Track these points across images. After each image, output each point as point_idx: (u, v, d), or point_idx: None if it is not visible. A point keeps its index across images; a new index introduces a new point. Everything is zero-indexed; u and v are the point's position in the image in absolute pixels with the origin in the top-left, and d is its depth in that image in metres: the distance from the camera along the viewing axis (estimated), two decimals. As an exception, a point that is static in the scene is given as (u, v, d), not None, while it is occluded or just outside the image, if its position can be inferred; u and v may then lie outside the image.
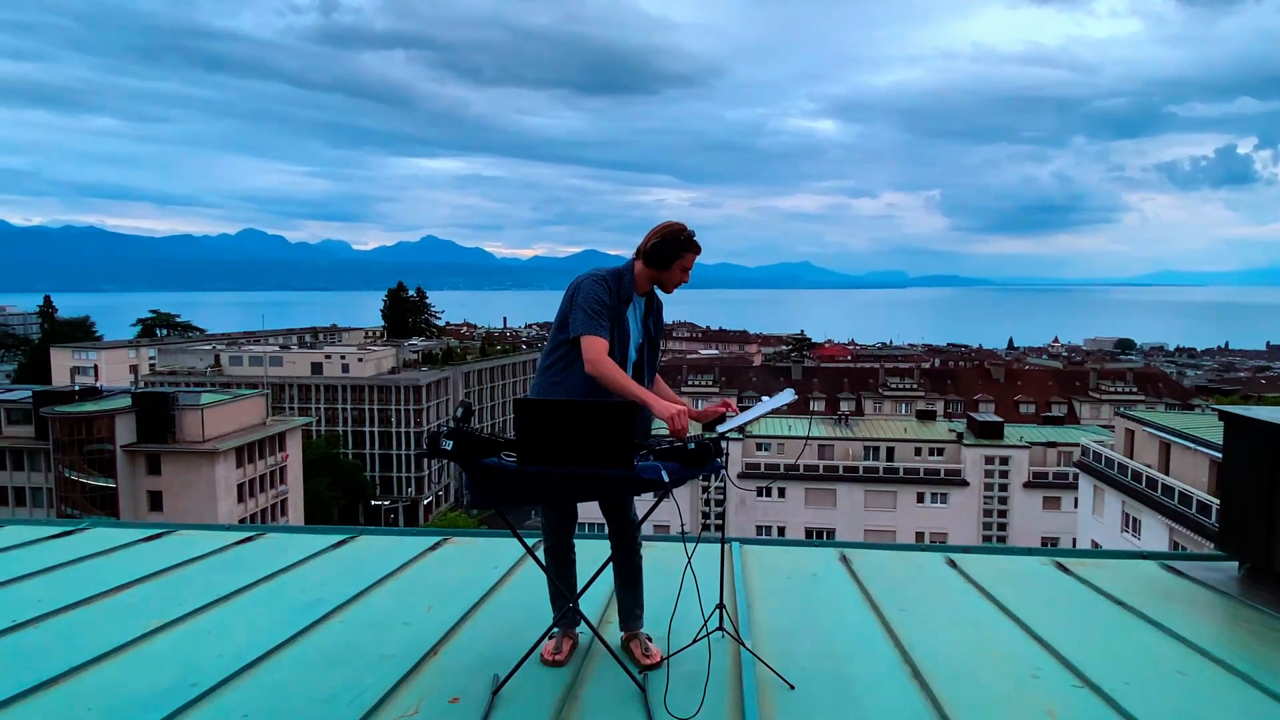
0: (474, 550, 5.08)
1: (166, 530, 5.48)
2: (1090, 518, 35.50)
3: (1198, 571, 4.68)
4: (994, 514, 48.02)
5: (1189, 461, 28.72)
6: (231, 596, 4.12)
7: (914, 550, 5.25)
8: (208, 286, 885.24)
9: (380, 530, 5.62)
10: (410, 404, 74.98)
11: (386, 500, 74.11)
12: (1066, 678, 3.20)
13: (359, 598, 4.12)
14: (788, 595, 4.22)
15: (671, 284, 3.29)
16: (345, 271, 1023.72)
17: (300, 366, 76.24)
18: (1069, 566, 4.80)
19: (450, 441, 2.71)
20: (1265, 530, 4.23)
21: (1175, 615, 3.94)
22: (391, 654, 3.38)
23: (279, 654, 3.38)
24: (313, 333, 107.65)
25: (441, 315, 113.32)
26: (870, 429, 50.81)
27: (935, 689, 3.07)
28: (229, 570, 4.59)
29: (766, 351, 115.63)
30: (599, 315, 3.14)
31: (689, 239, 3.22)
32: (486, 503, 2.92)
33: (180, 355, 79.34)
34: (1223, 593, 4.33)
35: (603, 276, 3.22)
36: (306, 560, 4.80)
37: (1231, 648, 3.52)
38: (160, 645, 3.49)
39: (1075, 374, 77.53)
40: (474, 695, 3.02)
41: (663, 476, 2.75)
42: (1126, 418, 34.67)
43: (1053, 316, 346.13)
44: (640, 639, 3.34)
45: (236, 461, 44.25)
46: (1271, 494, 4.20)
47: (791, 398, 3.19)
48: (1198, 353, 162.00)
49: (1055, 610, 4.04)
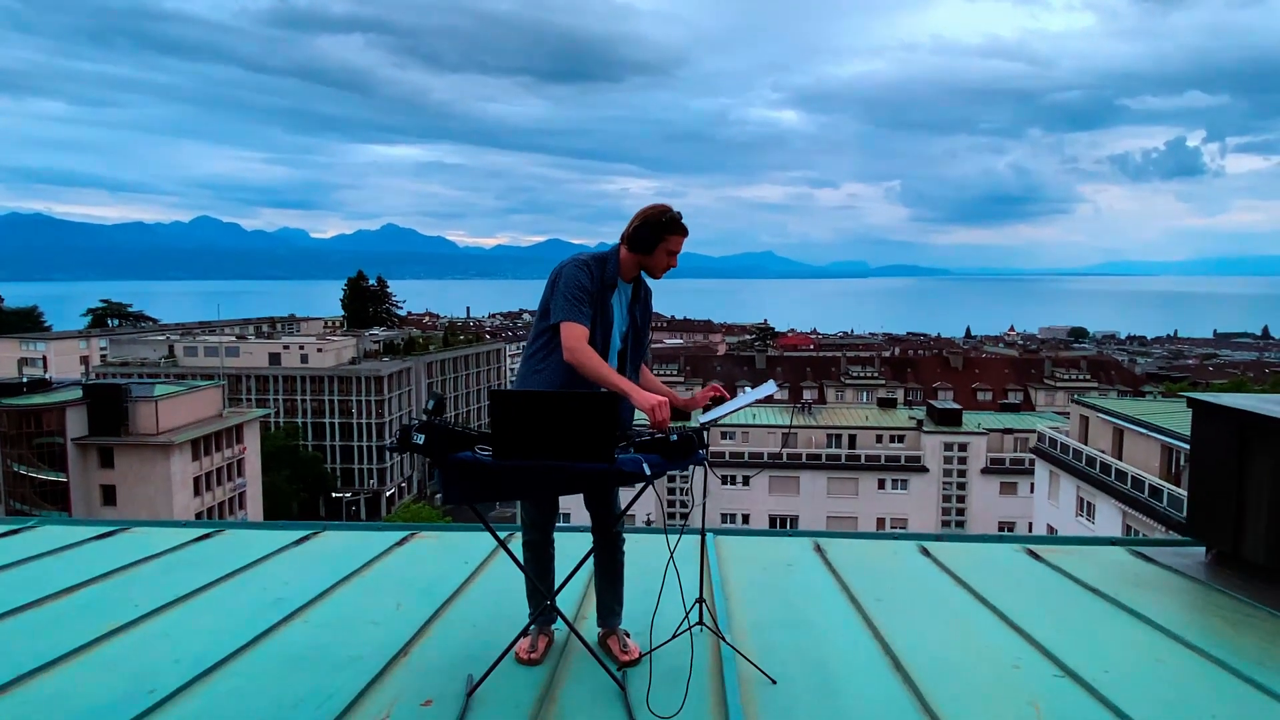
0: (443, 545, 4.95)
1: (120, 528, 5.27)
2: (1046, 502, 36.25)
3: (1166, 557, 4.73)
4: (953, 499, 48.88)
5: (1141, 447, 29.44)
6: (189, 597, 3.95)
7: (887, 539, 5.23)
8: (161, 275, 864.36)
9: (345, 525, 5.46)
10: (371, 395, 73.97)
11: (348, 493, 73.14)
12: (1047, 668, 3.19)
13: (324, 596, 3.98)
14: (764, 587, 4.17)
15: (658, 268, 3.18)
16: (303, 260, 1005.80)
17: (258, 357, 74.79)
18: (1040, 553, 4.82)
19: (422, 435, 2.60)
20: (1234, 516, 4.28)
21: (1148, 602, 3.96)
22: (360, 655, 3.25)
23: (241, 657, 3.24)
24: (270, 323, 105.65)
25: (403, 305, 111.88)
26: (833, 417, 51.32)
27: (918, 682, 3.04)
28: (186, 569, 4.41)
29: (731, 341, 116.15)
30: (579, 301, 3.05)
31: (672, 220, 3.11)
32: (459, 499, 2.81)
33: (133, 346, 77.39)
34: (1192, 578, 4.37)
35: (585, 261, 3.12)
36: (268, 557, 4.64)
37: (1206, 634, 3.55)
38: (115, 649, 3.32)
39: (1031, 362, 79.08)
40: (447, 697, 2.92)
41: (644, 469, 2.66)
42: (1081, 404, 35.44)
43: (1008, 306, 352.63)
44: (618, 635, 3.26)
45: (192, 454, 43.31)
46: (1241, 480, 4.25)
47: (774, 389, 3.13)
48: (1147, 341, 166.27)
49: (1031, 598, 4.04)
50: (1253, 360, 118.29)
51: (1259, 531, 4.16)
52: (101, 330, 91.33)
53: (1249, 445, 4.21)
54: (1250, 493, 4.21)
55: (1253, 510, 4.20)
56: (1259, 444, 4.15)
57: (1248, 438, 4.22)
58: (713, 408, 3.13)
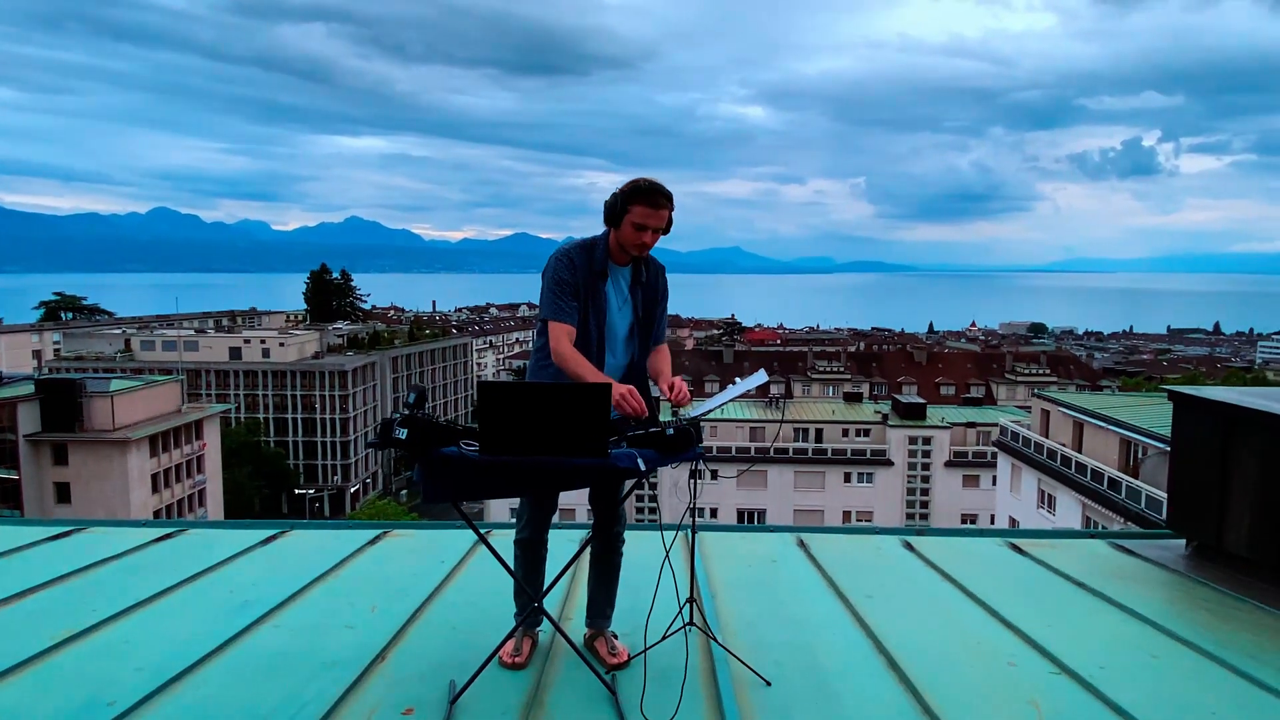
0: (418, 544, 4.79)
1: (76, 528, 5.03)
2: (1009, 495, 36.82)
3: (1147, 550, 4.73)
4: (917, 493, 49.45)
5: (1100, 440, 29.99)
6: (151, 601, 3.76)
7: (870, 533, 5.18)
8: (116, 268, 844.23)
9: (313, 524, 5.27)
10: (335, 389, 72.94)
11: (311, 489, 72.10)
12: (1043, 665, 3.14)
13: (294, 599, 3.81)
14: (751, 584, 4.08)
15: (628, 244, 2.98)
16: (264, 253, 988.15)
17: (218, 351, 73.35)
18: (1023, 547, 4.80)
19: (404, 430, 2.45)
20: (1217, 509, 4.28)
21: (1134, 595, 3.94)
22: (335, 661, 3.10)
23: (208, 664, 3.07)
24: (230, 316, 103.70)
25: (367, 298, 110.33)
26: (799, 411, 51.62)
27: (915, 681, 2.96)
28: (147, 571, 4.21)
29: (698, 335, 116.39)
30: (560, 297, 2.95)
31: (635, 189, 2.91)
32: (442, 496, 2.67)
33: (87, 340, 75.44)
34: (1174, 571, 4.37)
35: (567, 251, 3.00)
36: (233, 558, 4.45)
37: (1195, 627, 3.52)
38: (71, 658, 3.13)
39: (992, 357, 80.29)
40: (429, 705, 2.78)
41: (639, 465, 2.55)
42: (1042, 398, 36.02)
43: (970, 301, 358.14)
44: (606, 637, 3.14)
45: (150, 451, 42.29)
46: (1224, 473, 4.25)
47: (764, 379, 3.03)
48: (1104, 336, 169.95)
49: (1018, 593, 4.00)
50: (1205, 355, 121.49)
51: (1242, 524, 4.16)
52: (54, 324, 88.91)
53: (1233, 438, 4.21)
54: (1234, 485, 4.21)
55: (1236, 503, 4.20)
56: (1243, 437, 4.15)
57: (1232, 431, 4.22)
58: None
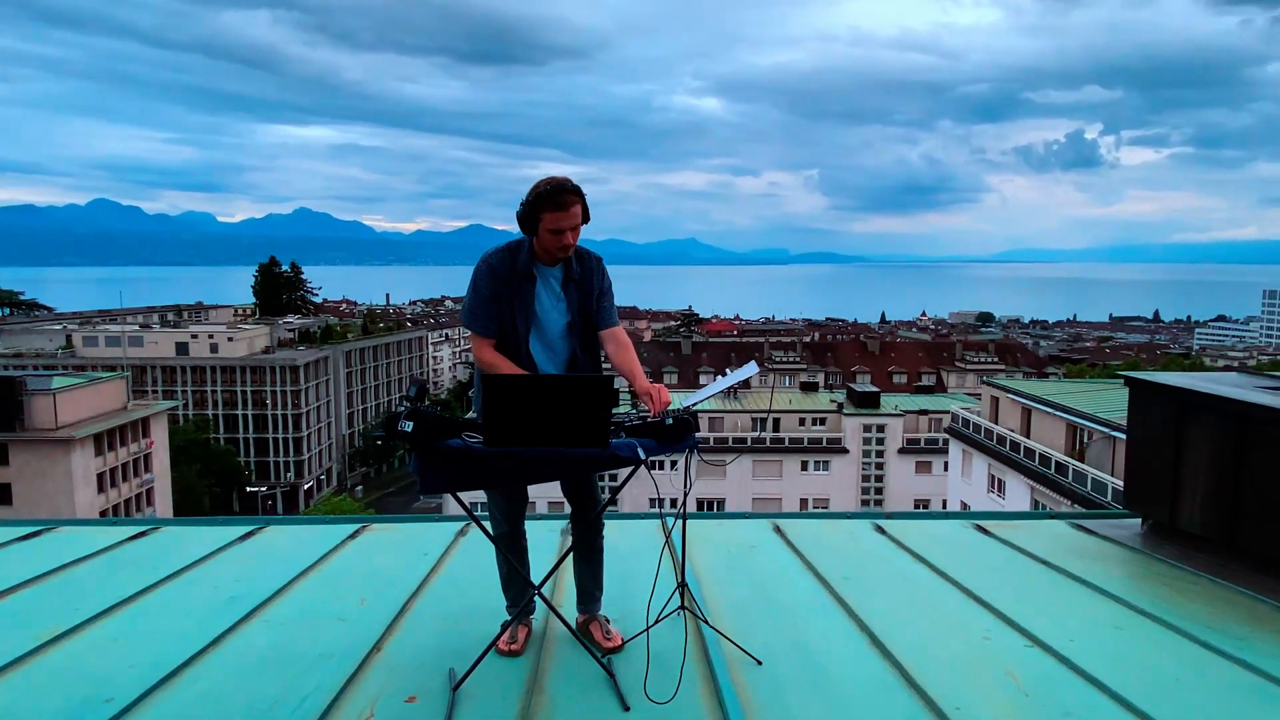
0: (398, 537, 4.81)
1: (45, 527, 4.94)
2: (960, 480, 37.69)
3: (1105, 529, 4.95)
4: (871, 479, 50.37)
5: (1048, 426, 30.88)
6: (135, 598, 3.73)
7: (842, 518, 5.33)
8: (55, 261, 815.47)
9: (290, 519, 5.25)
10: (287, 385, 71.56)
11: (263, 487, 70.72)
12: (1016, 639, 3.30)
13: (281, 594, 3.82)
14: (732, 569, 4.19)
15: (547, 250, 2.95)
16: (210, 245, 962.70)
17: (164, 347, 71.43)
18: (988, 529, 4.98)
19: (410, 423, 2.49)
20: (1172, 488, 4.50)
21: (1096, 572, 4.14)
22: (331, 653, 3.12)
23: (203, 659, 3.07)
24: (176, 311, 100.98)
25: (319, 291, 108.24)
26: (757, 401, 52.14)
27: (898, 656, 3.09)
28: (126, 570, 4.17)
29: (656, 327, 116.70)
30: (475, 306, 3.01)
31: (538, 196, 2.84)
32: (441, 488, 2.72)
33: (26, 336, 72.92)
34: (1132, 548, 4.59)
35: (489, 258, 3.02)
36: (213, 555, 4.42)
37: (1156, 601, 3.72)
38: (62, 657, 3.11)
39: (942, 345, 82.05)
40: (431, 693, 2.83)
41: (639, 454, 2.62)
42: (992, 385, 36.92)
43: (921, 291, 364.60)
44: (600, 621, 3.22)
45: (95, 450, 41.08)
46: (1177, 455, 4.47)
47: (755, 370, 3.12)
48: (1049, 324, 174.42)
49: (988, 572, 4.17)
50: (1145, 342, 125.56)
51: (1195, 503, 4.38)
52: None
53: (1186, 421, 4.43)
54: (1187, 466, 4.43)
55: (1189, 483, 4.42)
56: (1196, 420, 4.37)
57: (1184, 414, 4.44)
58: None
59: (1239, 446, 4.10)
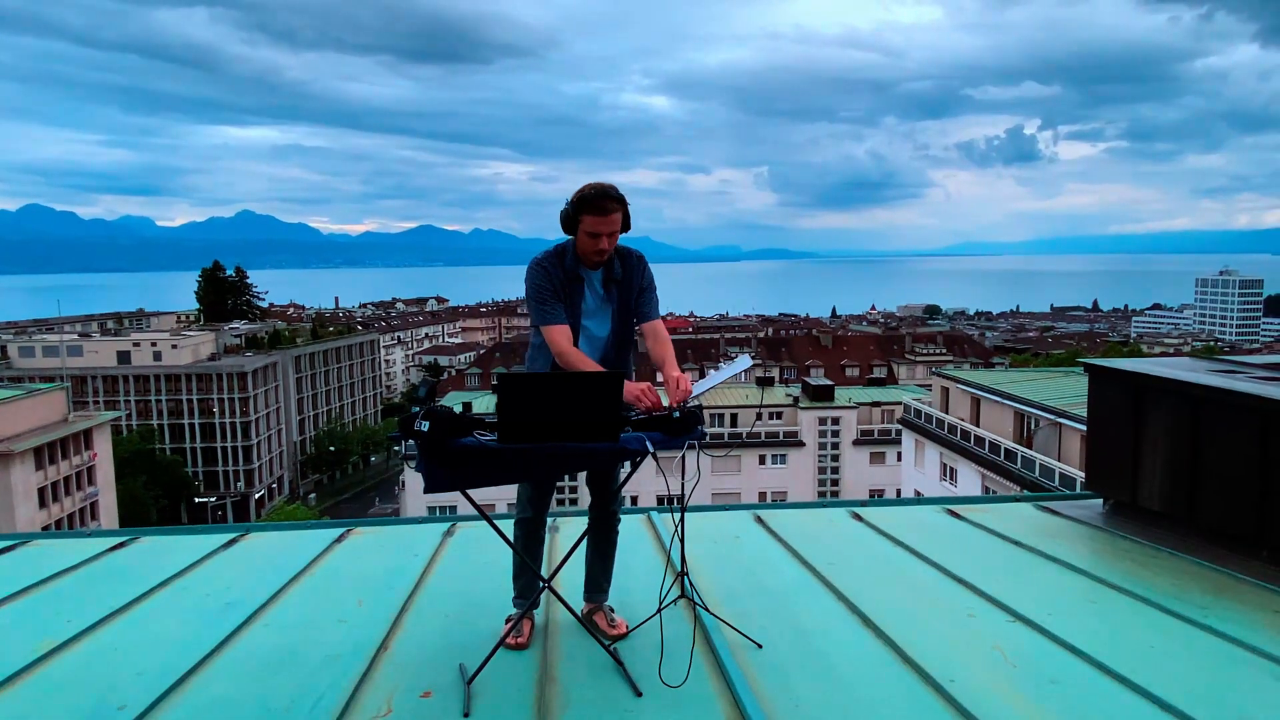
0: (385, 539, 4.83)
1: (19, 541, 4.85)
2: (913, 469, 38.52)
3: (1069, 510, 5.18)
4: (828, 471, 51.13)
5: (996, 414, 31.74)
6: (128, 608, 3.71)
7: (820, 507, 5.49)
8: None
9: (272, 525, 5.23)
10: (235, 392, 69.98)
11: (212, 497, 69.08)
12: (999, 615, 3.47)
13: (277, 598, 3.82)
14: (721, 559, 4.30)
15: (586, 252, 3.07)
16: (150, 251, 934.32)
17: (104, 356, 69.32)
18: (960, 513, 5.19)
19: (427, 422, 2.54)
20: (1131, 469, 4.74)
21: (1065, 550, 4.35)
22: (338, 654, 3.16)
23: (210, 664, 3.08)
24: (117, 318, 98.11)
25: (265, 296, 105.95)
26: (714, 397, 52.54)
27: (890, 635, 3.24)
28: (112, 581, 4.13)
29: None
30: (543, 302, 3.07)
31: (581, 199, 2.96)
32: (451, 486, 2.77)
33: (-45, 347, 70.05)
34: (1096, 527, 4.82)
35: (539, 261, 3.12)
36: (200, 562, 4.40)
37: (1124, 575, 3.94)
38: (63, 668, 3.09)
39: (892, 338, 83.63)
40: (444, 687, 2.88)
41: (648, 446, 2.71)
42: (941, 376, 37.84)
43: (870, 286, 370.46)
44: (604, 611, 3.31)
45: (36, 463, 39.74)
46: (1136, 437, 4.71)
47: (748, 364, 3.23)
48: (994, 316, 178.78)
49: (963, 553, 4.35)
50: (1085, 331, 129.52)
51: (1154, 482, 4.63)
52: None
53: (1143, 404, 4.68)
54: (1145, 447, 4.68)
55: (1147, 463, 4.67)
56: (1153, 404, 4.61)
57: (1142, 398, 4.68)
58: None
59: (1194, 427, 4.34)
